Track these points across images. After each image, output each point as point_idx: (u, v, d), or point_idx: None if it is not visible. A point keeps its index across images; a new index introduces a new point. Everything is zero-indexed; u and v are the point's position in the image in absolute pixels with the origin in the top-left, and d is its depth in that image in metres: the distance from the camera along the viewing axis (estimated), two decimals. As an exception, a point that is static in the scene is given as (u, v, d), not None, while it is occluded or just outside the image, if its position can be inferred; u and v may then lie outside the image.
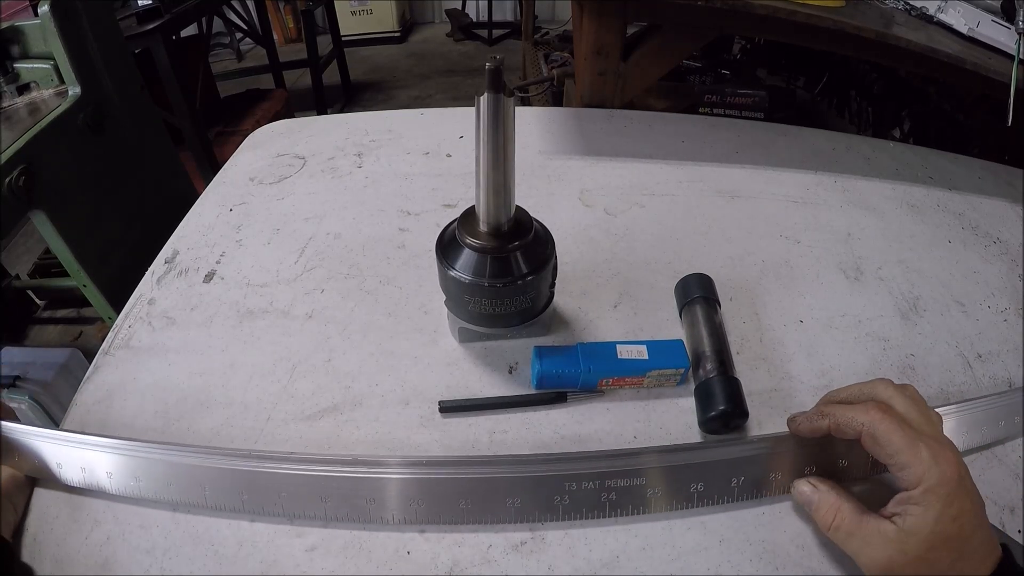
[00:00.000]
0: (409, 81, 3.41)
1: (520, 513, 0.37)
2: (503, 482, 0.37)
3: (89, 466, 0.38)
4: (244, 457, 0.38)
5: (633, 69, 0.80)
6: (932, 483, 0.31)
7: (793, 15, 0.63)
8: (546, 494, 0.37)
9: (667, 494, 0.37)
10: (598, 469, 0.37)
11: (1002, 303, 0.55)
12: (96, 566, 0.36)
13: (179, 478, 0.38)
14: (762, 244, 0.60)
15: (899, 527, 0.31)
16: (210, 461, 0.38)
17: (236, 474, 0.37)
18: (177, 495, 0.38)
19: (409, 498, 0.37)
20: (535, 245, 0.42)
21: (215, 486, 0.37)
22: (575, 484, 0.37)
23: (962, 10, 0.72)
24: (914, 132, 1.14)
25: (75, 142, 1.01)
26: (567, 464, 0.38)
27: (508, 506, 0.37)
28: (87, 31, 1.02)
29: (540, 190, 0.67)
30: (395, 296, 0.53)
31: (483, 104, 0.34)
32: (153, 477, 0.38)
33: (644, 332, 0.50)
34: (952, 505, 0.30)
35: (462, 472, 0.37)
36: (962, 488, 0.31)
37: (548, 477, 0.37)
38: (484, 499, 0.37)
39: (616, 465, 0.38)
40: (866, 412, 0.34)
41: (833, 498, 0.35)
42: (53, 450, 0.39)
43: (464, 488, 0.37)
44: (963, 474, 0.31)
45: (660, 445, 0.42)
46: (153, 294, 0.55)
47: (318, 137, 0.77)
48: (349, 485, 0.37)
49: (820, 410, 0.37)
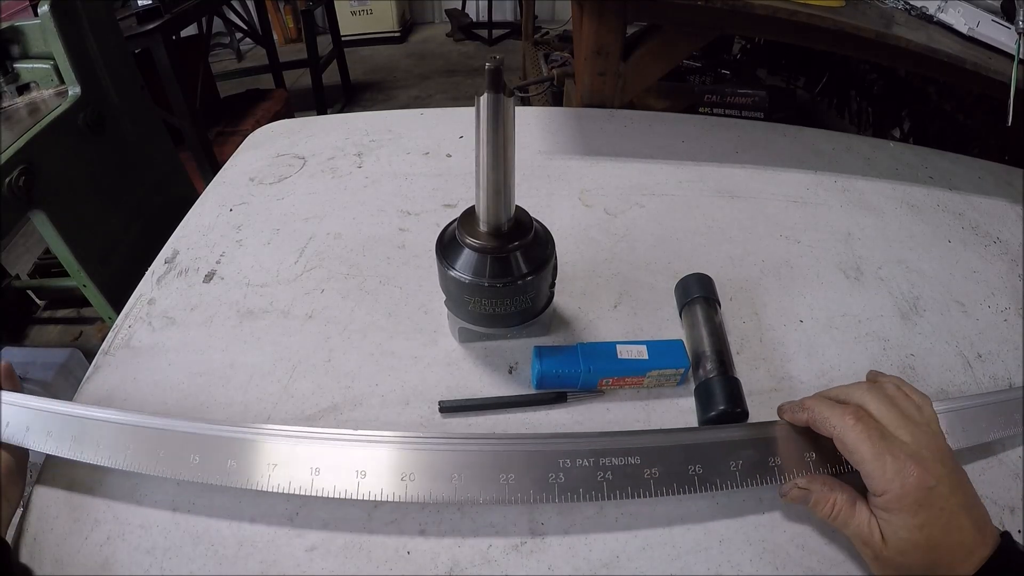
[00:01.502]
0: (409, 81, 3.41)
1: (514, 490, 0.36)
2: (498, 456, 0.36)
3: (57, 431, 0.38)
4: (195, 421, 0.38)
5: (633, 69, 0.80)
6: (894, 495, 0.32)
7: (793, 15, 0.63)
8: (541, 472, 0.36)
9: (666, 475, 0.36)
10: (592, 447, 0.37)
11: (1002, 303, 0.55)
12: (96, 566, 0.36)
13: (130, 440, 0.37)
14: (762, 244, 0.60)
15: (879, 522, 0.33)
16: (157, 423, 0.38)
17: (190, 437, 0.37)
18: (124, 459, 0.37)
19: (402, 473, 0.36)
20: (535, 245, 0.42)
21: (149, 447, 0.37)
22: (569, 461, 0.36)
23: (962, 10, 0.72)
24: (914, 132, 1.14)
25: (75, 142, 1.01)
26: (563, 440, 0.37)
27: (502, 483, 0.36)
28: (87, 31, 1.02)
29: (540, 190, 0.67)
30: (395, 296, 0.53)
31: (483, 104, 0.34)
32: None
33: (644, 332, 0.50)
34: (917, 515, 0.31)
35: (456, 447, 0.37)
36: (931, 497, 0.31)
37: (541, 452, 0.37)
38: (478, 474, 0.36)
39: (615, 443, 0.37)
40: (841, 417, 0.35)
41: (827, 491, 0.35)
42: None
43: (460, 462, 0.36)
44: (931, 483, 0.32)
45: (658, 428, 0.41)
46: (153, 294, 0.55)
47: (318, 137, 0.77)
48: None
49: (803, 403, 0.38)
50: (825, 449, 0.38)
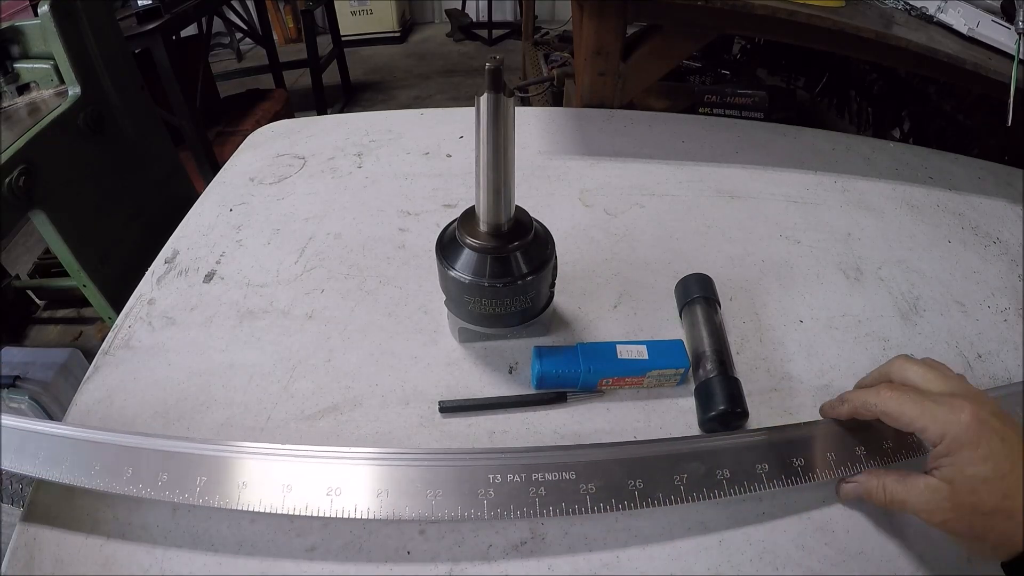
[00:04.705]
0: (409, 81, 3.41)
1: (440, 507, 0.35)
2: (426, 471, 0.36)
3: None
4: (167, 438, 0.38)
5: (633, 69, 0.80)
6: (953, 433, 0.32)
7: (793, 15, 0.63)
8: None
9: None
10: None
11: (1002, 303, 0.55)
12: (96, 566, 0.36)
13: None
14: (762, 244, 0.60)
15: (939, 478, 0.33)
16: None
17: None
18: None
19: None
20: (535, 245, 0.42)
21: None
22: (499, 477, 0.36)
23: (962, 10, 0.72)
24: (914, 132, 1.14)
25: (75, 142, 1.01)
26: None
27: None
28: (87, 31, 1.02)
29: (540, 190, 0.67)
30: (395, 296, 0.53)
31: (483, 104, 0.34)
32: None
33: (644, 332, 0.50)
34: (979, 447, 0.31)
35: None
36: (986, 429, 0.31)
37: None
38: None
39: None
40: (877, 394, 0.36)
41: (873, 479, 0.36)
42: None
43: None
44: (984, 416, 0.32)
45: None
46: (153, 294, 0.55)
47: (318, 137, 0.77)
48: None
49: (841, 396, 0.39)
50: (871, 440, 0.39)
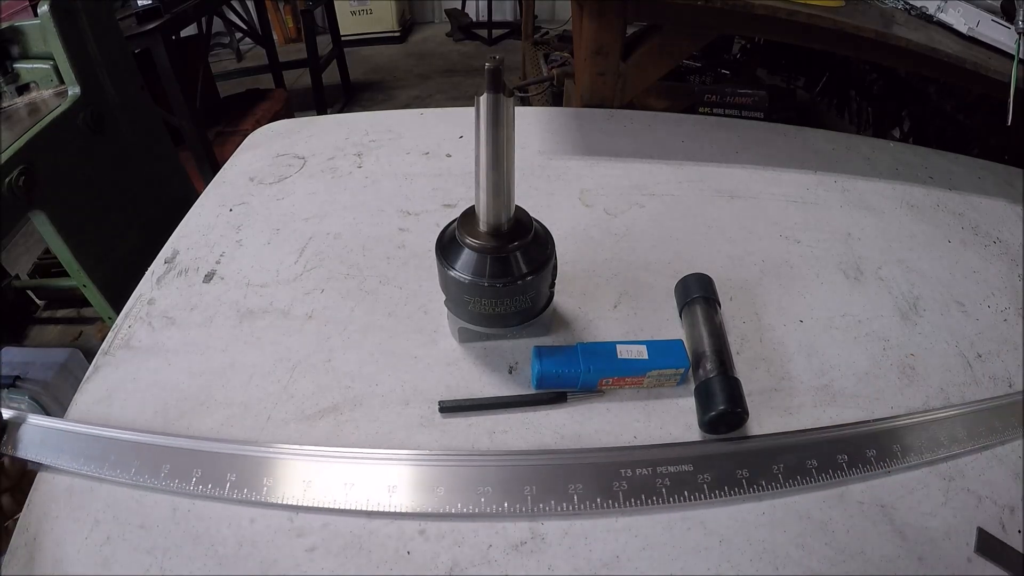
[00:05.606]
0: (409, 81, 3.41)
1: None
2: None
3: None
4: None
5: (633, 69, 0.80)
6: None
7: (793, 15, 0.63)
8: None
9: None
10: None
11: (1002, 303, 0.55)
12: (96, 566, 0.36)
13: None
14: (762, 244, 0.60)
15: None
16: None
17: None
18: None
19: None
20: (535, 245, 0.42)
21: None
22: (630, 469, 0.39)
23: (962, 10, 0.72)
24: (914, 132, 1.14)
25: (75, 142, 1.01)
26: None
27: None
28: (87, 31, 1.02)
29: (540, 190, 0.67)
30: (395, 296, 0.53)
31: (483, 104, 0.34)
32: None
33: (644, 332, 0.50)
34: None
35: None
36: None
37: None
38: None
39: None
40: None
41: None
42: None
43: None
44: None
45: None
46: (153, 294, 0.55)
47: (318, 137, 0.77)
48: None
49: None
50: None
